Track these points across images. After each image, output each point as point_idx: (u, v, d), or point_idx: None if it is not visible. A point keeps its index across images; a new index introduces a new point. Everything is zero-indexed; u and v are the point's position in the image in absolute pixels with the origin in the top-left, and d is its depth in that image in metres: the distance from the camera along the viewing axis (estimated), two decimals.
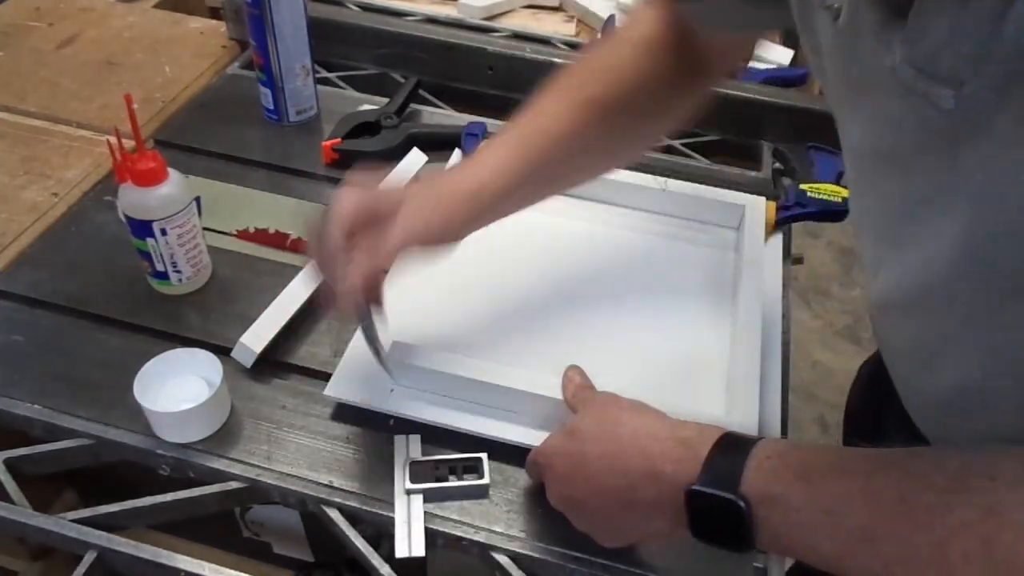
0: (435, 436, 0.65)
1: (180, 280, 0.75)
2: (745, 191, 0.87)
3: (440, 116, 1.02)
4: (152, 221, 0.70)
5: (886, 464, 0.45)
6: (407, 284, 0.76)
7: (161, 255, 0.72)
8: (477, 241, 0.81)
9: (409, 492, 0.61)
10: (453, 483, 0.62)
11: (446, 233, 0.61)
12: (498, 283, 0.77)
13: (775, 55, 1.16)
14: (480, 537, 0.60)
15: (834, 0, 0.44)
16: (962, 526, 0.40)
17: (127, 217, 0.71)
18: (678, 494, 0.48)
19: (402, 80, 1.05)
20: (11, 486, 0.63)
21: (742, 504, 0.46)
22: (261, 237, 0.82)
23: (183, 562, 0.59)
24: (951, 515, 0.40)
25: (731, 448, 0.49)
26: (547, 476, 0.57)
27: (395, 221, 0.57)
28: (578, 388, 0.61)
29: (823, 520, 0.44)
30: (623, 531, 0.55)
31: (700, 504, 0.48)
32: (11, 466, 0.64)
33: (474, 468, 0.62)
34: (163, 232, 0.70)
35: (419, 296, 0.75)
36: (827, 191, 0.86)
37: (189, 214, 0.72)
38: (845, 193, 0.86)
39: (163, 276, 0.74)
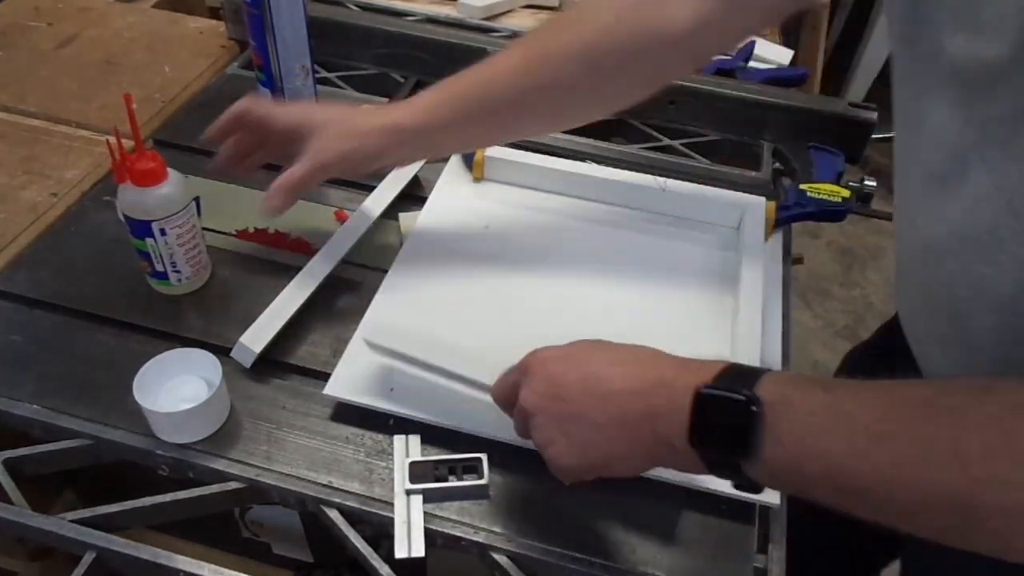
0: (435, 436, 0.65)
1: (179, 280, 0.75)
2: (745, 191, 0.87)
3: None
4: (151, 221, 0.70)
5: (911, 381, 0.43)
6: (407, 284, 0.76)
7: (160, 255, 0.72)
8: (477, 242, 0.82)
9: (409, 492, 0.61)
10: (453, 483, 0.62)
11: (356, 164, 0.67)
12: (497, 283, 0.77)
13: (775, 55, 1.16)
14: (480, 537, 0.60)
15: None
16: (986, 420, 0.38)
17: (126, 217, 0.71)
18: (687, 396, 0.46)
19: (402, 80, 1.05)
20: (11, 486, 0.63)
21: (753, 407, 0.43)
22: (261, 237, 0.82)
23: (183, 562, 0.59)
24: (976, 411, 0.39)
25: (744, 369, 0.47)
26: (534, 373, 0.53)
27: (307, 147, 0.66)
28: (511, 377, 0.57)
29: (839, 422, 0.42)
30: (600, 447, 0.50)
31: (707, 406, 0.45)
32: (11, 466, 0.64)
33: (474, 468, 0.62)
34: (162, 232, 0.70)
35: (419, 296, 0.75)
36: (827, 191, 0.86)
37: (188, 214, 0.71)
38: (845, 193, 0.86)
39: (163, 276, 0.74)
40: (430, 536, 0.60)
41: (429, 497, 0.61)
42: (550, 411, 0.51)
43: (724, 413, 0.45)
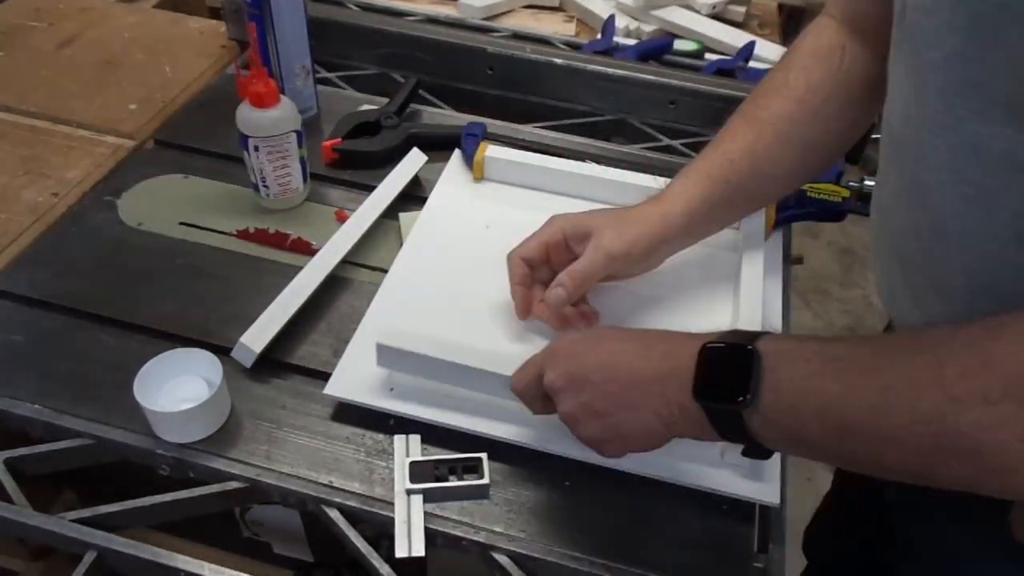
0: (435, 436, 0.65)
1: (268, 195, 0.84)
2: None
3: (440, 116, 1.02)
4: (248, 137, 0.79)
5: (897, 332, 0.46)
6: (407, 284, 0.76)
7: (253, 168, 0.82)
8: (477, 242, 0.82)
9: (409, 492, 0.61)
10: (453, 483, 0.62)
11: (631, 258, 0.69)
12: (497, 283, 0.77)
13: (775, 55, 1.16)
14: (480, 537, 0.60)
15: None
16: (964, 345, 0.41)
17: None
18: (690, 361, 0.50)
19: (402, 80, 1.05)
20: (11, 486, 0.63)
21: (753, 351, 0.47)
22: (261, 237, 0.82)
23: (183, 562, 0.59)
24: (955, 340, 0.42)
25: (747, 330, 0.51)
26: (557, 355, 0.57)
27: (585, 249, 0.68)
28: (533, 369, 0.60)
29: (832, 364, 0.45)
30: (619, 417, 0.54)
31: (711, 357, 0.49)
32: (11, 466, 0.64)
33: (474, 468, 0.62)
34: (256, 149, 0.80)
35: (419, 296, 0.75)
36: (827, 191, 0.86)
37: (282, 141, 0.80)
38: (845, 193, 0.86)
39: (255, 188, 0.84)
40: (430, 536, 0.60)
41: (429, 497, 0.61)
42: (571, 388, 0.55)
43: (726, 363, 0.49)
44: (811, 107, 0.67)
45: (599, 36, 1.17)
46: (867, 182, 0.90)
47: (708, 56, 1.16)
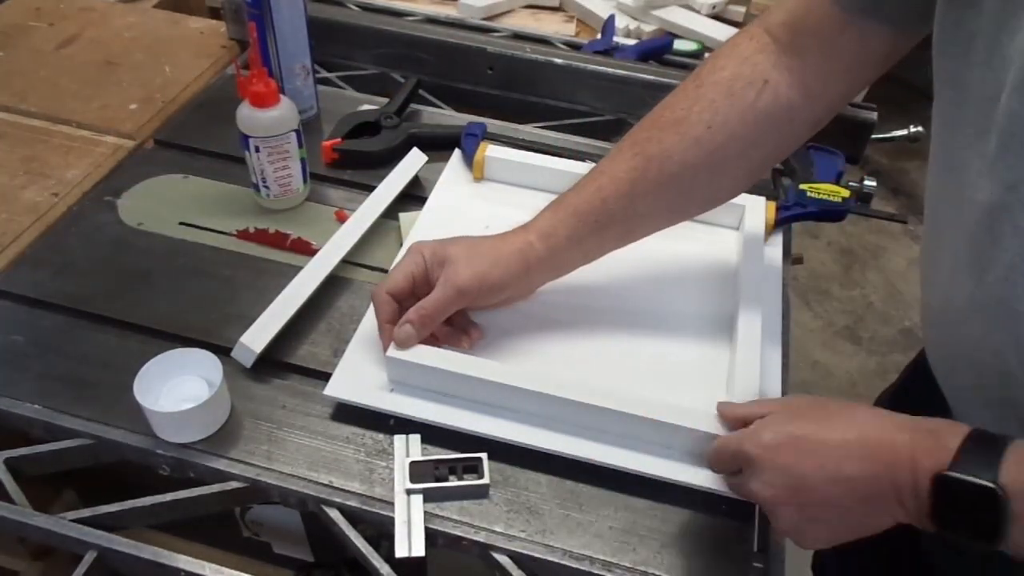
0: (435, 436, 0.65)
1: (268, 195, 0.84)
2: (745, 191, 0.87)
3: (440, 116, 1.02)
4: (249, 137, 0.79)
5: None
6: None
7: (254, 168, 0.82)
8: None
9: (409, 492, 0.61)
10: (453, 483, 0.62)
11: (483, 291, 0.66)
12: None
13: None
14: (480, 537, 0.60)
15: None
16: None
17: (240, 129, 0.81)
18: (924, 482, 0.46)
19: (402, 80, 1.05)
20: (11, 486, 0.63)
21: (999, 491, 0.43)
22: (261, 237, 0.82)
23: (183, 562, 0.59)
24: None
25: (984, 441, 0.45)
26: (763, 464, 0.53)
27: (442, 276, 0.65)
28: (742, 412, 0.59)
29: None
30: (850, 525, 0.51)
31: (949, 492, 0.45)
32: (11, 466, 0.64)
33: (474, 468, 0.62)
34: (256, 149, 0.80)
35: None
36: (827, 191, 0.86)
37: (281, 141, 0.80)
38: (845, 193, 0.86)
39: (256, 188, 0.84)
40: (430, 536, 0.60)
41: (429, 497, 0.61)
42: (793, 503, 0.52)
43: (968, 502, 0.44)
44: (709, 148, 0.63)
45: (599, 36, 1.17)
46: (867, 182, 0.90)
47: (708, 56, 1.16)
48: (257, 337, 0.69)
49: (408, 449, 0.64)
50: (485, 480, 0.62)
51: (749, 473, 0.54)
